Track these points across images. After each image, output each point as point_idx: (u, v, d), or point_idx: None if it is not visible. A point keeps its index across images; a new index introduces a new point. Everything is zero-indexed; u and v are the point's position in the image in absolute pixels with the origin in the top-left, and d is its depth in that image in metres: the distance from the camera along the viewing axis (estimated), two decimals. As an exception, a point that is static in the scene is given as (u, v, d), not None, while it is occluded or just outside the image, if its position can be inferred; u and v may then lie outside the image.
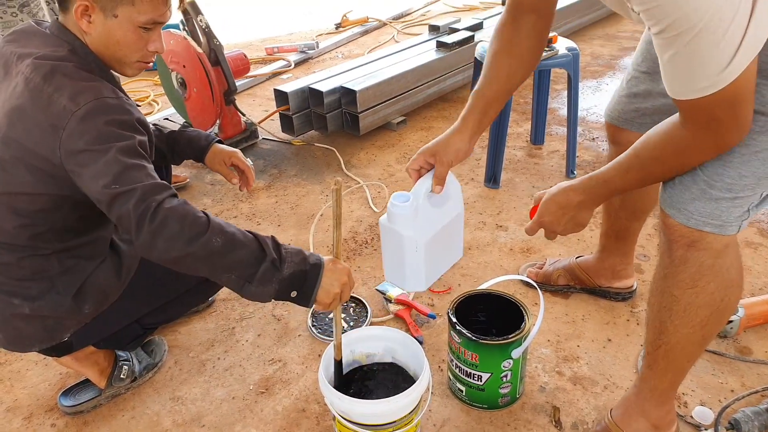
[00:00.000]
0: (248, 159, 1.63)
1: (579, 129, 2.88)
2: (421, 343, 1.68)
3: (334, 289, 1.18)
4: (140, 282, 1.38)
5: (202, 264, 1.10)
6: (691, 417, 1.45)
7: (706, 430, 1.41)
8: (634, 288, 1.81)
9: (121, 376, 1.50)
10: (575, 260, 1.84)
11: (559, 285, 1.84)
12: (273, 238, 1.17)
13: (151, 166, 1.16)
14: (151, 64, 1.31)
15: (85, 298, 1.29)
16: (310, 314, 1.79)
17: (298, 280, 1.14)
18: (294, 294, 1.15)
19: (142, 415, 1.49)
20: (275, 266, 1.12)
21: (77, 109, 1.10)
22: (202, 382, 1.59)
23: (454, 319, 1.43)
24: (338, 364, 1.36)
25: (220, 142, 1.62)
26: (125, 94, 1.25)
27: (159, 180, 1.13)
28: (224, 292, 1.85)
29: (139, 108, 1.34)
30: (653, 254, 1.97)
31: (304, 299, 1.16)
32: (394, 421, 1.27)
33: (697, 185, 1.04)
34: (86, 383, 1.51)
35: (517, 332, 1.39)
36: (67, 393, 1.50)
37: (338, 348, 1.34)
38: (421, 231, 1.20)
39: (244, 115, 2.79)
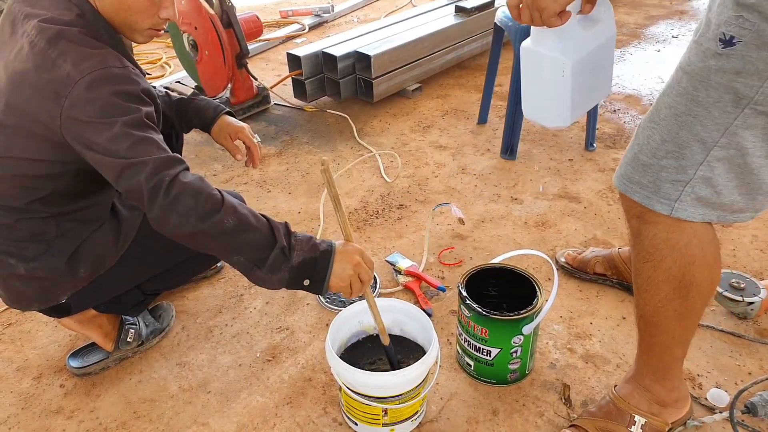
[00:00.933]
0: (256, 135, 1.58)
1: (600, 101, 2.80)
2: (430, 315, 1.66)
3: (347, 272, 1.15)
4: (140, 248, 1.36)
5: (213, 242, 1.08)
6: (706, 399, 1.42)
7: (720, 412, 1.38)
8: None
9: (128, 339, 1.50)
10: (617, 250, 1.73)
11: (595, 273, 1.75)
12: (286, 224, 1.14)
13: (160, 137, 1.13)
14: (162, 31, 1.27)
15: (80, 261, 1.28)
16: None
17: (308, 267, 1.12)
18: (306, 282, 1.13)
19: (149, 379, 1.49)
20: (285, 254, 1.10)
21: (80, 78, 1.06)
22: (209, 349, 1.58)
23: (465, 293, 1.40)
24: (388, 348, 1.35)
25: (230, 113, 1.58)
26: (133, 63, 1.21)
27: (171, 153, 1.11)
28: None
29: (147, 75, 1.31)
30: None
31: (317, 287, 1.14)
32: (401, 394, 1.25)
33: (632, 146, 1.03)
34: (94, 346, 1.50)
35: (528, 308, 1.36)
36: (75, 354, 1.50)
37: (383, 332, 1.32)
38: (569, 52, 1.09)
39: (256, 79, 2.74)
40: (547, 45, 1.11)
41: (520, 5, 1.10)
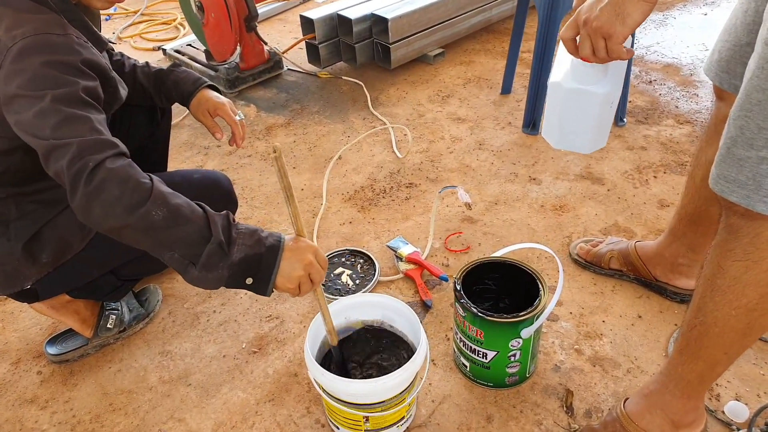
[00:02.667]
0: (239, 113, 1.45)
1: (634, 70, 2.58)
2: (429, 307, 1.56)
3: (296, 272, 1.03)
4: None
5: (142, 237, 0.96)
6: (723, 413, 1.29)
7: (738, 430, 1.25)
8: None
9: (108, 325, 1.44)
10: (634, 245, 1.58)
11: (610, 269, 1.61)
12: (227, 215, 1.02)
13: (99, 117, 1.01)
14: None
15: (41, 247, 1.20)
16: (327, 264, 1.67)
17: (251, 265, 1.00)
18: (249, 281, 1.01)
19: (129, 369, 1.44)
20: (222, 249, 0.97)
21: (13, 44, 0.96)
22: (194, 337, 1.51)
23: (460, 290, 1.28)
24: (337, 350, 1.25)
25: (213, 87, 1.45)
26: (89, 31, 1.09)
27: (104, 135, 0.98)
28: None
29: (111, 44, 1.20)
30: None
31: (261, 287, 1.02)
32: (384, 401, 1.16)
33: (725, 141, 0.89)
34: (74, 331, 1.45)
35: (529, 309, 1.24)
36: (54, 341, 1.45)
37: (332, 333, 1.22)
38: (615, 81, 1.04)
39: (266, 43, 2.61)
40: (591, 81, 1.02)
41: (577, 37, 0.95)
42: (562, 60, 1.06)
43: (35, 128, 0.95)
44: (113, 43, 1.34)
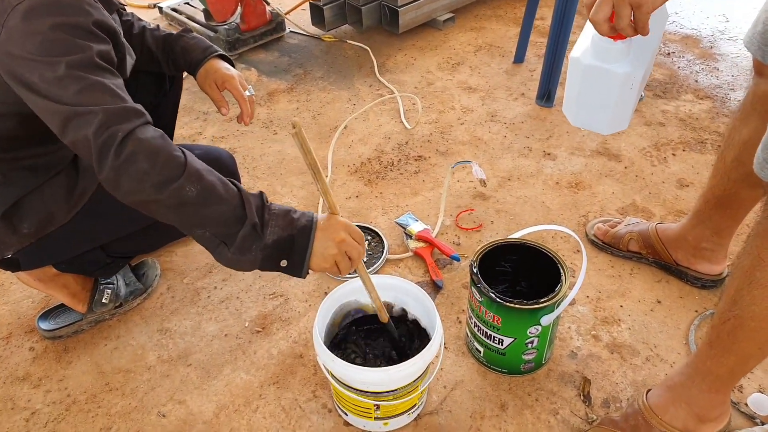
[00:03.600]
0: (250, 87, 1.35)
1: (653, 41, 2.48)
2: (440, 288, 1.49)
3: (329, 251, 0.98)
4: (99, 206, 1.18)
5: (172, 213, 0.91)
6: (746, 405, 1.24)
7: (762, 423, 1.21)
8: (724, 276, 1.45)
9: (103, 300, 1.37)
10: (655, 226, 1.51)
11: (629, 251, 1.54)
12: (261, 195, 0.97)
13: (118, 82, 0.94)
14: None
15: (22, 216, 1.11)
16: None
17: (285, 247, 0.95)
18: (284, 263, 0.96)
19: (126, 346, 1.37)
20: (257, 231, 0.93)
21: (18, 3, 0.87)
22: (194, 314, 1.44)
23: (477, 273, 1.21)
24: (389, 326, 1.20)
25: (224, 57, 1.35)
26: None
27: (129, 102, 0.92)
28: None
29: (122, 5, 1.10)
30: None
31: (296, 269, 0.98)
32: (395, 389, 1.10)
33: None
34: (68, 306, 1.38)
35: (550, 296, 1.18)
36: (46, 315, 1.38)
37: (381, 309, 1.17)
38: (637, 63, 0.99)
39: (268, 4, 2.48)
40: (612, 59, 0.98)
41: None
42: (586, 33, 1.01)
43: (52, 95, 0.88)
44: (123, 4, 1.22)
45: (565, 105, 1.12)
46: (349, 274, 1.06)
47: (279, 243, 0.95)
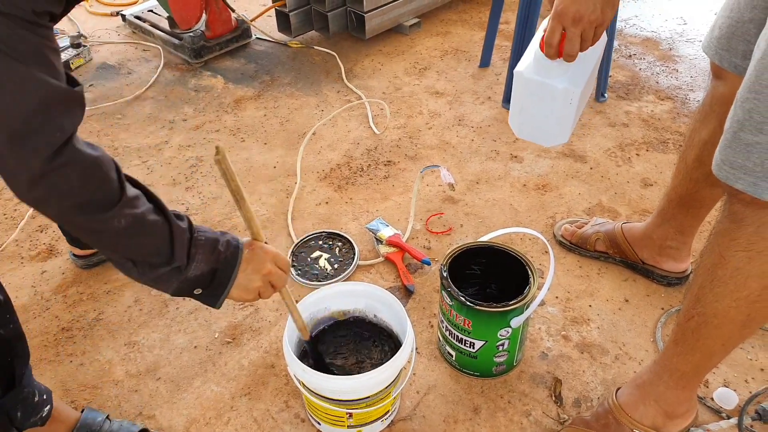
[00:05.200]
0: None
1: (614, 43, 2.53)
2: (411, 292, 1.49)
3: (253, 284, 0.94)
4: None
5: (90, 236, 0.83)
6: (712, 399, 1.27)
7: (728, 417, 1.23)
8: (688, 274, 1.49)
9: None
10: (620, 225, 1.53)
11: (596, 251, 1.56)
12: (190, 226, 0.89)
13: None
14: None
15: None
16: (290, 252, 1.60)
17: (205, 280, 0.90)
18: (198, 292, 0.91)
19: (93, 362, 1.34)
20: (180, 270, 0.87)
21: None
22: (163, 326, 1.42)
23: (447, 278, 1.22)
24: (311, 345, 1.18)
25: None
26: None
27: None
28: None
29: None
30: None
31: (211, 299, 0.93)
32: (368, 397, 1.10)
33: (731, 124, 0.84)
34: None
35: (519, 298, 1.19)
36: None
37: (303, 330, 1.13)
38: (577, 79, 1.04)
39: (233, 10, 2.46)
40: (553, 74, 1.03)
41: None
42: (530, 49, 1.06)
43: None
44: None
45: (510, 117, 1.17)
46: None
47: (200, 277, 0.89)
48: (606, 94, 2.21)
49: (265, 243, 0.98)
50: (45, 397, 1.06)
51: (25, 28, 0.67)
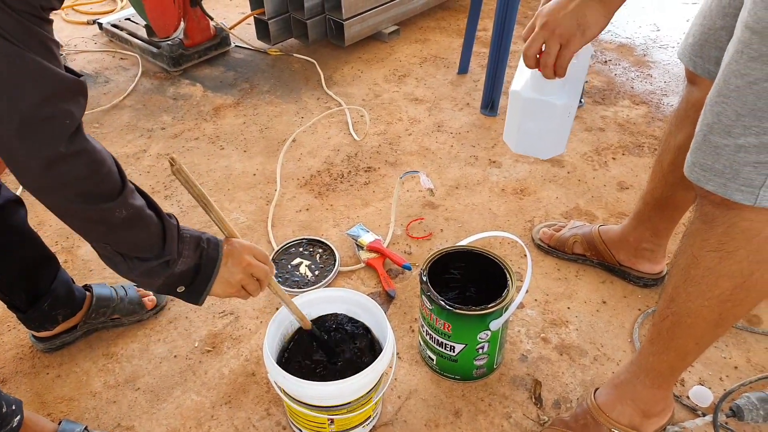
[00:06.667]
0: None
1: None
2: (393, 298, 1.50)
3: (235, 277, 0.98)
4: None
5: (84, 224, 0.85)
6: (688, 398, 1.29)
7: (703, 415, 1.25)
8: (664, 275, 1.51)
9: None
10: (597, 228, 1.55)
11: (574, 254, 1.58)
12: (177, 224, 0.93)
13: None
14: None
15: None
16: (270, 260, 1.59)
17: (188, 276, 0.93)
18: (181, 289, 0.94)
19: (69, 374, 1.33)
20: (168, 265, 0.90)
21: None
22: (142, 336, 1.41)
23: (427, 282, 1.23)
24: (316, 330, 1.19)
25: None
26: None
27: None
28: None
29: None
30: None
31: (193, 296, 0.96)
32: (349, 402, 1.10)
33: (701, 128, 0.87)
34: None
35: (497, 301, 1.20)
36: None
37: (303, 318, 1.16)
38: (573, 93, 1.08)
39: (212, 18, 2.46)
40: (549, 91, 1.06)
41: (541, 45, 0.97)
42: (524, 68, 1.08)
43: None
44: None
45: (505, 134, 1.19)
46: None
47: (185, 273, 0.92)
48: (583, 100, 2.24)
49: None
50: (14, 407, 1.05)
51: (33, 22, 0.70)
